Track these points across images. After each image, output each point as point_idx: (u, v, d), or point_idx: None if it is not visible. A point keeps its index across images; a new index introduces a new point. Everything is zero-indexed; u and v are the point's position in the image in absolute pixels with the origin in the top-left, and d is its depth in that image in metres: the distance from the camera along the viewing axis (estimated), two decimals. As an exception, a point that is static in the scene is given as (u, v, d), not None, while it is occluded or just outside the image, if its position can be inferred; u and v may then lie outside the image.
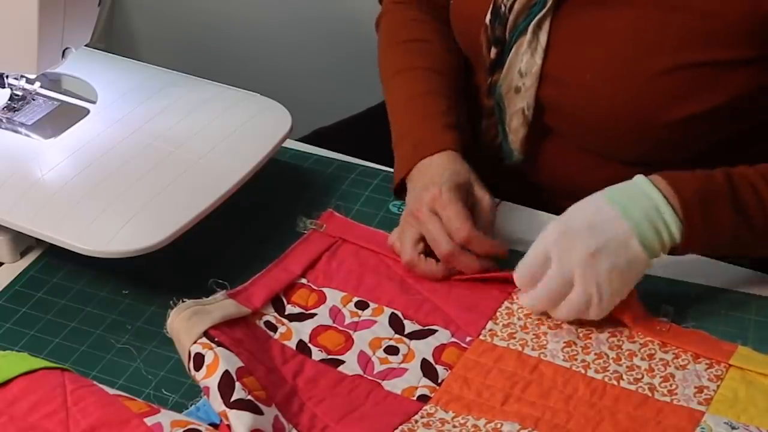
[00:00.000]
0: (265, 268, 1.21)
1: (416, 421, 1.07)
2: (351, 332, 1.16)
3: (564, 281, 1.14)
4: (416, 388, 1.11)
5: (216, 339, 1.08)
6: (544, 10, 1.26)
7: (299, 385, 1.10)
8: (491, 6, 1.30)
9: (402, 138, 1.33)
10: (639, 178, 1.16)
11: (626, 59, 1.24)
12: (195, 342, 1.08)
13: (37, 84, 1.35)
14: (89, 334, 1.16)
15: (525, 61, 1.28)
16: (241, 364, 1.07)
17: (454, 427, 1.06)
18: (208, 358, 1.06)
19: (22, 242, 1.25)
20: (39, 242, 1.25)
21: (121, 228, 1.17)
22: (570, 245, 1.13)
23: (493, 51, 1.31)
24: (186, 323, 1.09)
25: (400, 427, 1.06)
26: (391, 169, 1.39)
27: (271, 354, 1.12)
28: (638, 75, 1.24)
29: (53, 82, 1.38)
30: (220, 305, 1.12)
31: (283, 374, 1.10)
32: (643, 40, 1.24)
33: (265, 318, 1.16)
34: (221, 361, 1.06)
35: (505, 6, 1.28)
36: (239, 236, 1.28)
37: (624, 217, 1.13)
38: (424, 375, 1.12)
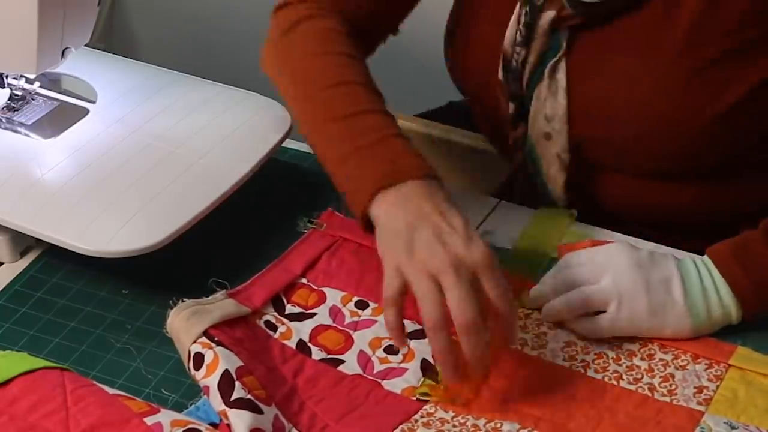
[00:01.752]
0: (265, 268, 1.21)
1: (416, 421, 1.07)
2: (351, 332, 1.16)
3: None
4: (416, 387, 1.11)
5: (216, 338, 1.08)
6: (559, 54, 1.25)
7: (299, 385, 1.10)
8: (501, 63, 1.28)
9: (368, 148, 1.15)
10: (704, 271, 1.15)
11: (654, 71, 1.23)
12: (195, 341, 1.08)
13: (37, 84, 1.35)
14: (89, 334, 1.16)
15: (549, 106, 1.26)
16: (240, 363, 1.07)
17: (454, 426, 1.06)
18: (208, 357, 1.06)
19: (22, 242, 1.25)
20: (39, 242, 1.25)
21: (121, 228, 1.17)
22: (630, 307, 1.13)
23: (512, 106, 1.29)
24: (186, 323, 1.09)
25: (400, 427, 1.06)
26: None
27: (271, 353, 1.12)
28: (670, 78, 1.22)
29: (53, 82, 1.38)
30: (220, 305, 1.12)
31: (283, 374, 1.10)
32: (665, 47, 1.22)
33: (265, 317, 1.16)
34: (221, 360, 1.06)
35: (517, 61, 1.27)
36: (239, 236, 1.28)
37: (689, 313, 1.14)
38: (423, 374, 1.12)
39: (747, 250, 1.15)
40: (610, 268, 1.14)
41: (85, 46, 1.34)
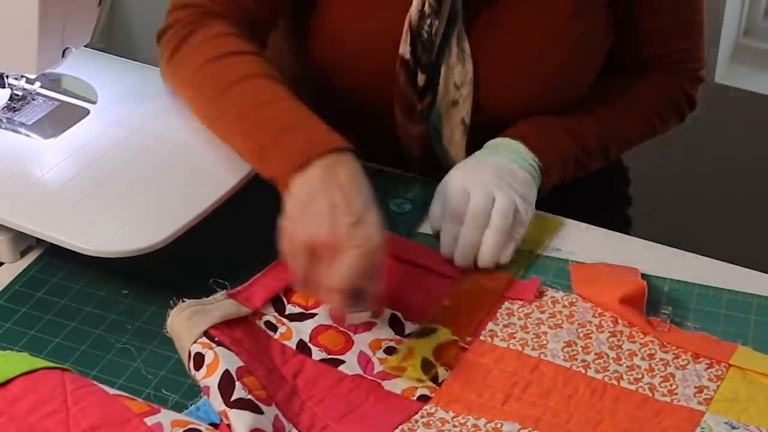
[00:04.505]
0: (266, 268, 1.21)
1: (416, 421, 1.07)
2: (350, 333, 1.16)
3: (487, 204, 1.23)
4: (416, 388, 1.11)
5: (216, 339, 1.08)
6: (459, 20, 1.30)
7: (299, 385, 1.10)
8: (407, 38, 1.31)
9: (283, 132, 1.18)
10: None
11: (548, 29, 1.32)
12: (195, 342, 1.08)
13: (37, 84, 1.35)
14: (89, 334, 1.16)
15: (458, 73, 1.32)
16: (241, 363, 1.07)
17: (455, 426, 1.06)
18: (208, 357, 1.06)
19: (22, 242, 1.25)
20: (39, 242, 1.25)
21: (121, 228, 1.17)
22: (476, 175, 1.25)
23: (422, 77, 1.33)
24: (186, 323, 1.09)
25: (400, 427, 1.06)
26: (391, 169, 1.39)
27: (271, 354, 1.12)
28: (563, 36, 1.33)
29: (53, 82, 1.38)
30: (220, 305, 1.12)
31: (283, 374, 1.10)
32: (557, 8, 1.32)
33: (266, 318, 1.16)
34: (221, 360, 1.06)
35: (429, 32, 1.30)
36: (239, 236, 1.28)
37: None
38: (425, 373, 1.12)
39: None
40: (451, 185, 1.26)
41: (85, 46, 1.34)
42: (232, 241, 1.28)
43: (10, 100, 1.34)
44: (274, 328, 1.16)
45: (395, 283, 1.21)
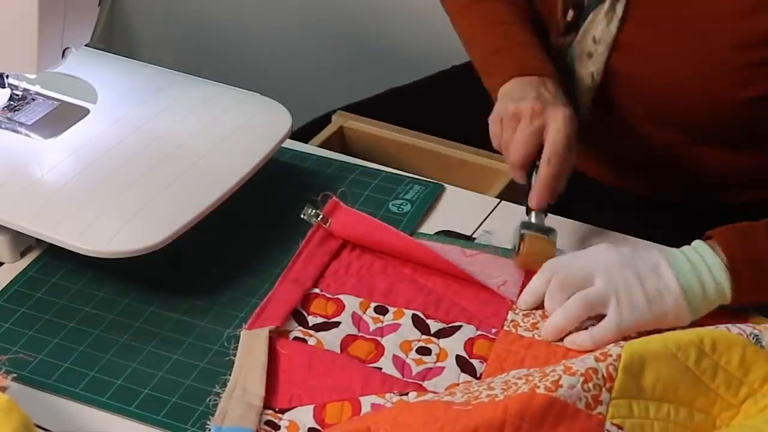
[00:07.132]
0: (276, 283, 1.20)
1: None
2: (378, 339, 1.16)
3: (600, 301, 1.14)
4: (458, 384, 1.10)
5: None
6: None
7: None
8: None
9: (499, 53, 1.36)
10: (700, 247, 1.15)
11: (710, 47, 1.25)
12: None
13: (38, 84, 1.35)
14: (89, 334, 1.16)
15: (600, 29, 1.31)
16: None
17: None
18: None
19: (22, 242, 1.25)
20: (39, 242, 1.25)
21: (121, 228, 1.17)
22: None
23: (570, 13, 1.34)
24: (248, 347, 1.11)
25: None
26: (391, 170, 1.39)
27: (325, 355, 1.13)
28: (721, 63, 1.25)
29: (53, 82, 1.38)
30: (251, 339, 1.13)
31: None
32: (732, 30, 1.24)
33: (293, 334, 1.15)
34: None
35: None
36: (239, 236, 1.28)
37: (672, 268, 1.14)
38: (462, 371, 1.12)
39: (745, 230, 1.15)
40: (598, 268, 1.14)
41: (85, 46, 1.34)
42: (231, 241, 1.27)
43: (10, 100, 1.34)
44: (304, 342, 1.15)
45: (460, 293, 1.21)
